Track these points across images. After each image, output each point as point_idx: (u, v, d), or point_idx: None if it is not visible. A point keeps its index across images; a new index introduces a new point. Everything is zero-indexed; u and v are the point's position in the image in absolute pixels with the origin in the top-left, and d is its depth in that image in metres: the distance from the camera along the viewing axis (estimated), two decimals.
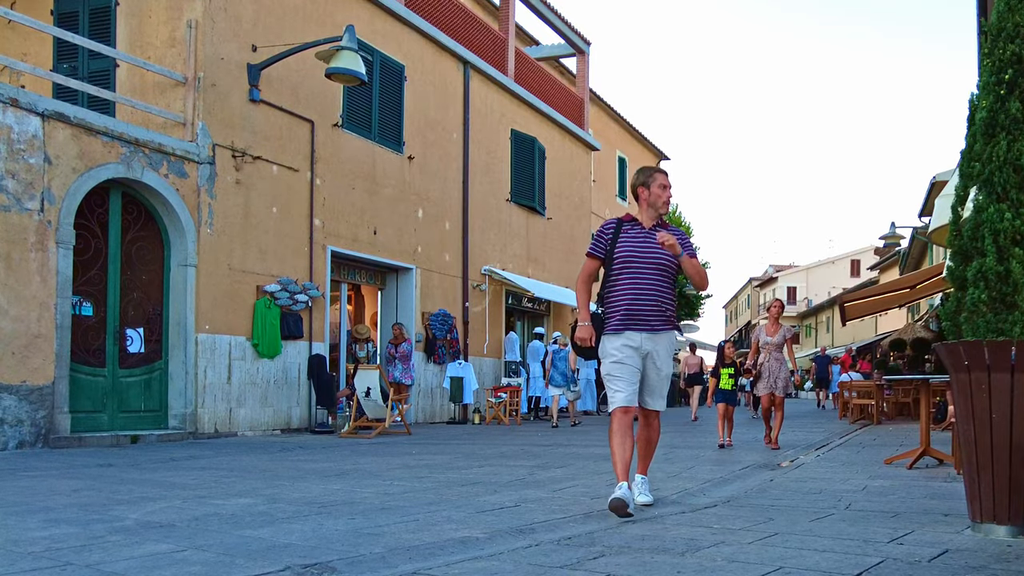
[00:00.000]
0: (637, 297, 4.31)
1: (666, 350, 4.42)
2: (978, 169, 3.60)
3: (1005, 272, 3.44)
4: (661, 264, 4.37)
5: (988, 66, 3.63)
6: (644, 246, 4.37)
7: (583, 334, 4.38)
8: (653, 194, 4.47)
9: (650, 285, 4.33)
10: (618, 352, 4.28)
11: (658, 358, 4.36)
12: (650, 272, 4.34)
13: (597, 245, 4.47)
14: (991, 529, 3.41)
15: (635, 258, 4.35)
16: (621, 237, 4.41)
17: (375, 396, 11.28)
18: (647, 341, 4.31)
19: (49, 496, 4.92)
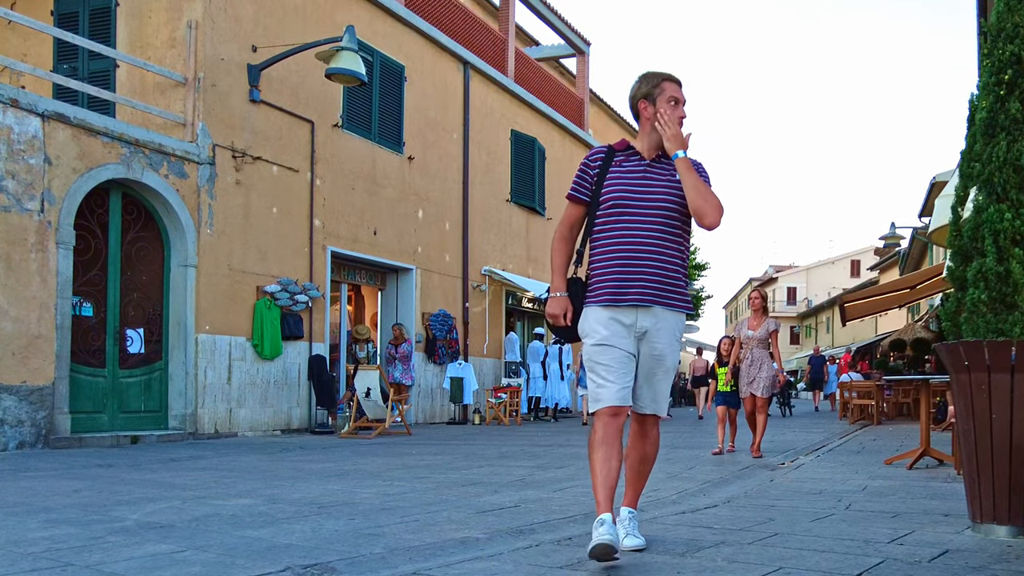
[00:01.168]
0: (632, 256, 3.13)
1: (670, 332, 3.21)
2: (978, 169, 3.60)
3: (1005, 272, 3.44)
4: (667, 209, 3.14)
5: (988, 66, 3.63)
6: (643, 184, 3.16)
7: (553, 309, 3.23)
8: (660, 111, 3.19)
9: (650, 239, 3.13)
10: (603, 329, 3.14)
11: (658, 341, 3.17)
12: (651, 221, 3.13)
13: (580, 184, 3.29)
14: (991, 529, 3.41)
15: (630, 201, 3.15)
16: (612, 172, 3.22)
17: (375, 397, 11.28)
18: (644, 318, 3.14)
19: (49, 496, 4.92)
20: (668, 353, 3.22)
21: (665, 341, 3.20)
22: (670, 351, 3.23)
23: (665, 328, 3.20)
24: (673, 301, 3.20)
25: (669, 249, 3.18)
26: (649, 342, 3.18)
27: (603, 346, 3.14)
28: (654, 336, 3.18)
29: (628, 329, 3.16)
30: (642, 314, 3.15)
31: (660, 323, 3.18)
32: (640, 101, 3.25)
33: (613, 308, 3.15)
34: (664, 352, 3.21)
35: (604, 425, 3.11)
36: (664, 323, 3.19)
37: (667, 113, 3.15)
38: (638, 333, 3.17)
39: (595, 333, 3.17)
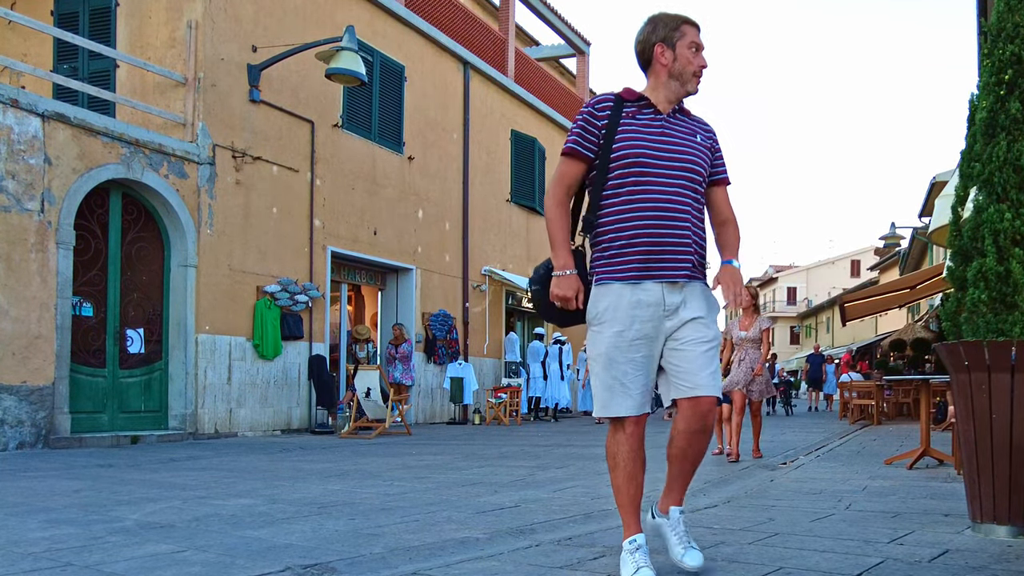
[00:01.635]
0: (661, 222, 2.69)
1: (706, 298, 2.80)
2: (978, 169, 3.60)
3: (1005, 272, 3.44)
4: (691, 171, 2.76)
5: (988, 66, 3.63)
6: (664, 141, 2.74)
7: (564, 290, 2.73)
8: (680, 58, 2.75)
9: (680, 203, 2.72)
10: (626, 315, 2.68)
11: (698, 310, 2.74)
12: (678, 182, 2.73)
13: (583, 137, 2.75)
14: (991, 529, 3.41)
15: (653, 159, 2.71)
16: (625, 125, 2.73)
17: (375, 397, 11.28)
18: (673, 293, 2.71)
19: (49, 497, 4.92)
20: (706, 322, 2.76)
21: (705, 308, 2.76)
22: (708, 320, 2.77)
23: (699, 295, 2.77)
24: (701, 274, 2.80)
25: (695, 217, 2.77)
26: (686, 315, 2.72)
27: (627, 338, 2.68)
28: (691, 306, 2.73)
29: (653, 310, 2.69)
30: (670, 289, 2.71)
31: (692, 292, 2.76)
32: (656, 46, 2.77)
33: (638, 284, 2.69)
34: (709, 320, 2.77)
35: (630, 437, 2.71)
36: (697, 293, 2.77)
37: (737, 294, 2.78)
38: (667, 312, 2.71)
39: (614, 321, 2.68)
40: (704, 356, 2.71)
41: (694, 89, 2.78)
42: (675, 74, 2.76)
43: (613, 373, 2.69)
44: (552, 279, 2.78)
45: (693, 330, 2.72)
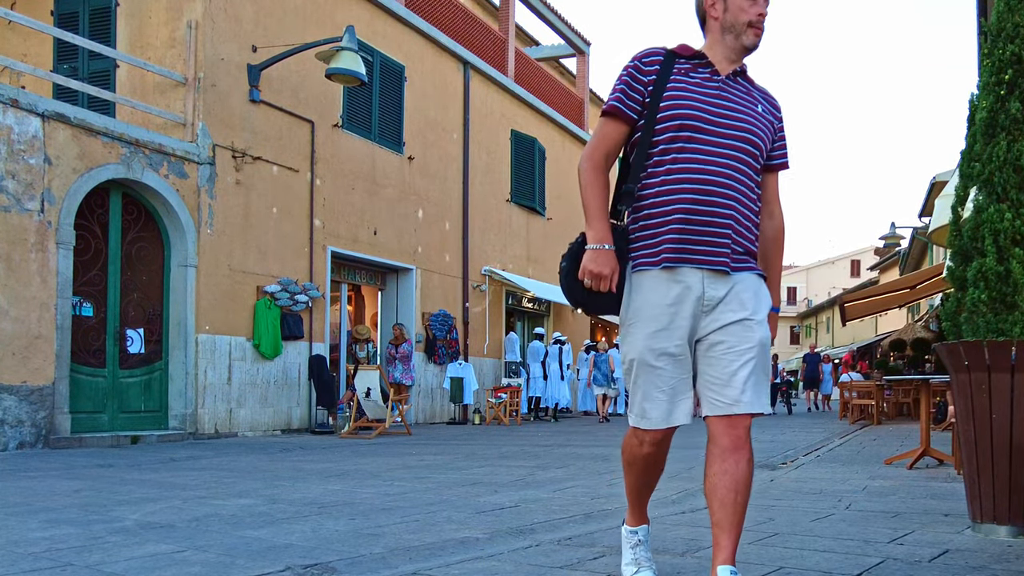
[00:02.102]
0: (706, 197, 2.29)
1: (757, 292, 2.36)
2: (978, 169, 3.60)
3: (1005, 272, 3.44)
4: (750, 143, 2.35)
5: (988, 66, 3.63)
6: (720, 104, 2.33)
7: (598, 266, 2.28)
8: (731, 6, 2.36)
9: (731, 179, 2.31)
10: (664, 312, 2.30)
11: (745, 306, 2.31)
12: (731, 154, 2.32)
13: (627, 94, 2.36)
14: (991, 529, 3.41)
15: (705, 123, 2.31)
16: (675, 82, 2.34)
17: (375, 397, 11.28)
18: (716, 284, 2.31)
19: (49, 497, 4.92)
20: (755, 322, 2.30)
21: (752, 305, 2.32)
22: (757, 319, 2.32)
23: (749, 287, 2.33)
24: (751, 263, 2.38)
25: (748, 197, 2.35)
26: (728, 310, 2.30)
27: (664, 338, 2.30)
28: (734, 304, 2.31)
29: (689, 303, 2.29)
30: (713, 280, 2.30)
31: (740, 286, 2.32)
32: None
33: (675, 271, 2.29)
34: (758, 320, 2.31)
35: (656, 445, 2.41)
36: (747, 282, 2.34)
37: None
38: (706, 307, 2.31)
39: (650, 319, 2.31)
40: (747, 365, 2.27)
41: (751, 42, 2.37)
42: (728, 26, 2.37)
43: (649, 378, 2.31)
44: (585, 253, 2.32)
45: (734, 334, 2.29)
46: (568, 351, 17.37)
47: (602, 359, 16.64)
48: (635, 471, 2.51)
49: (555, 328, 19.29)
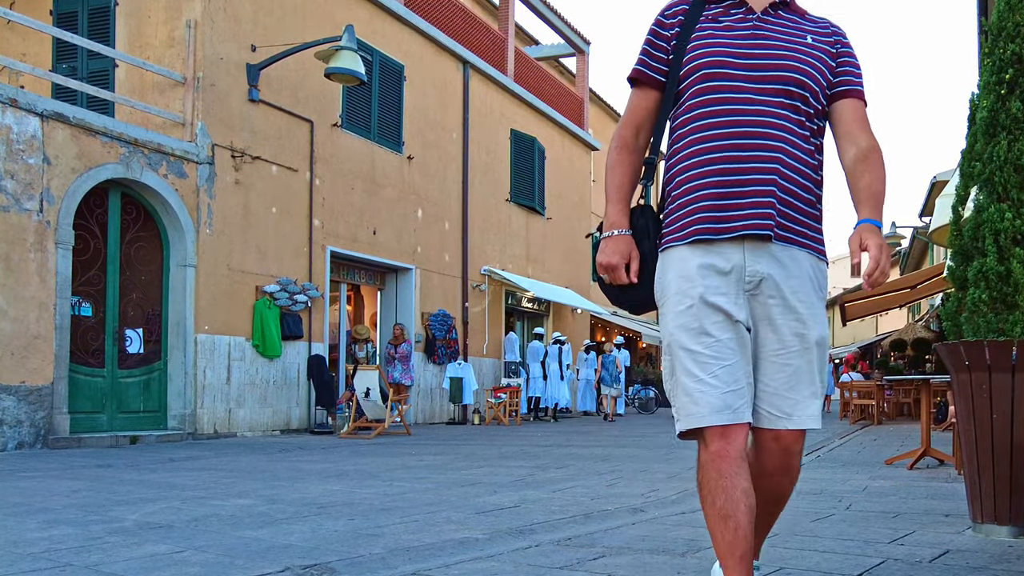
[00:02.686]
0: (742, 153, 1.94)
1: (809, 281, 1.98)
2: (979, 169, 3.59)
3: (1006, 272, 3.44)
4: (791, 82, 1.96)
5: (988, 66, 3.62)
6: (752, 45, 1.99)
7: (609, 256, 2.04)
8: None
9: (769, 129, 1.94)
10: (695, 287, 1.94)
11: (790, 295, 1.95)
12: (769, 101, 1.95)
13: (649, 55, 2.11)
14: (992, 530, 3.40)
15: (730, 68, 1.97)
16: (699, 31, 2.03)
17: (375, 397, 11.27)
18: (758, 259, 1.94)
19: (48, 497, 4.91)
20: (809, 316, 1.95)
21: (801, 296, 1.95)
22: (812, 313, 1.95)
23: (799, 275, 1.96)
24: (807, 238, 1.98)
25: (798, 149, 1.96)
26: (772, 300, 1.95)
27: (696, 315, 1.93)
28: (781, 288, 1.95)
29: (732, 280, 1.94)
30: (754, 253, 1.94)
31: (790, 267, 1.96)
32: None
33: (708, 245, 1.95)
34: (811, 315, 1.96)
35: (715, 459, 1.90)
36: (796, 267, 1.96)
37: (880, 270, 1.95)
38: (748, 284, 1.94)
39: (681, 295, 1.95)
40: (798, 372, 1.95)
41: None
42: None
43: (686, 365, 1.93)
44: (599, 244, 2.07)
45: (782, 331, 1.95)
46: (568, 351, 17.37)
47: (609, 360, 17.23)
48: (708, 504, 1.91)
49: (555, 328, 19.29)
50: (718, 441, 1.90)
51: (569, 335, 19.30)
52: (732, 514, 1.87)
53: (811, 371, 1.97)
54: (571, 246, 20.37)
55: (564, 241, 20.05)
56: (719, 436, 1.89)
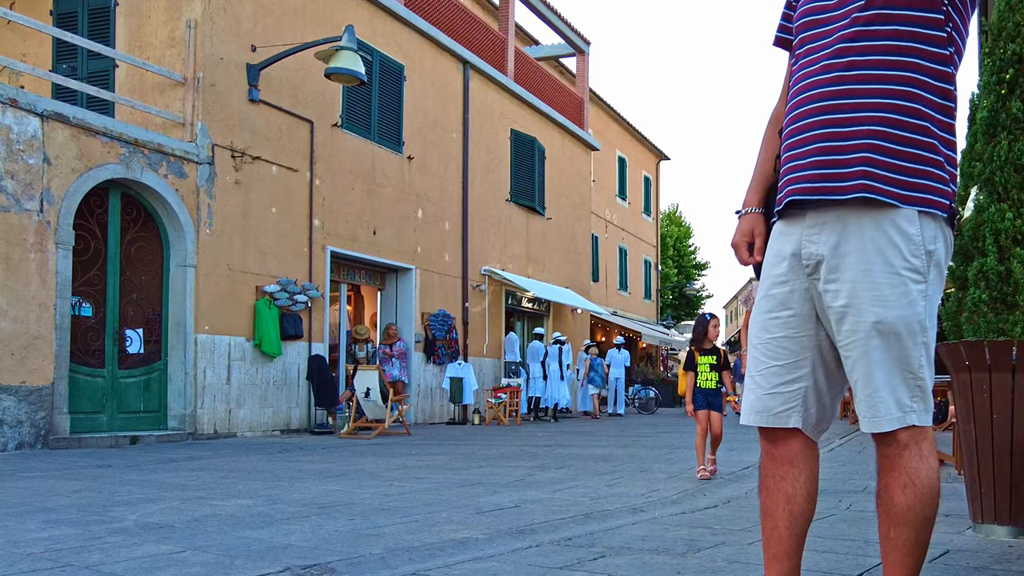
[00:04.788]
0: (803, 112, 1.73)
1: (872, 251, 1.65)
2: (979, 169, 3.60)
3: (1006, 272, 3.44)
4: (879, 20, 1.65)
5: (989, 65, 3.62)
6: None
7: (734, 235, 1.92)
8: None
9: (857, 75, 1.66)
10: (766, 275, 1.83)
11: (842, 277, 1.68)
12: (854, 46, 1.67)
13: (784, 15, 1.91)
14: (992, 530, 3.40)
15: (818, 15, 1.76)
16: None
17: (374, 397, 11.27)
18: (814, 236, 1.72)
19: (48, 497, 4.91)
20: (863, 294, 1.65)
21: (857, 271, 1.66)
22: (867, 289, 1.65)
23: (858, 245, 1.66)
24: (887, 184, 1.62)
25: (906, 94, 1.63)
26: (829, 284, 1.70)
27: (762, 309, 1.82)
28: (838, 266, 1.69)
29: (796, 266, 1.76)
30: (812, 228, 1.72)
31: (849, 238, 1.67)
32: None
33: (786, 223, 1.78)
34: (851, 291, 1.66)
35: (764, 456, 1.88)
36: (858, 235, 1.66)
37: None
38: (807, 268, 1.74)
39: (762, 281, 1.84)
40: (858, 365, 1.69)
41: None
42: None
43: (751, 361, 1.86)
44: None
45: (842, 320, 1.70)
46: (568, 351, 17.38)
47: (597, 362, 18.05)
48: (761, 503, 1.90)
49: (555, 328, 19.29)
50: (764, 441, 1.88)
51: (569, 335, 19.30)
52: (771, 513, 1.87)
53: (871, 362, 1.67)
54: (571, 246, 20.37)
55: (564, 241, 20.06)
56: (764, 437, 1.88)
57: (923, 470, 1.69)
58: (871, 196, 1.63)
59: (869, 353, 1.67)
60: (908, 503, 1.69)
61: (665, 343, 29.79)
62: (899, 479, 1.70)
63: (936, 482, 1.70)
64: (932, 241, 1.66)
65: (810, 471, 1.84)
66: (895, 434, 1.69)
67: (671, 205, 36.51)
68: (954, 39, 1.66)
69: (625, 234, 28.64)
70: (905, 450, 1.70)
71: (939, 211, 1.65)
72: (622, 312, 27.55)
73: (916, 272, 1.65)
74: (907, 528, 1.70)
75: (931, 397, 1.70)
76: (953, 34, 1.66)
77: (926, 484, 1.69)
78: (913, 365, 1.67)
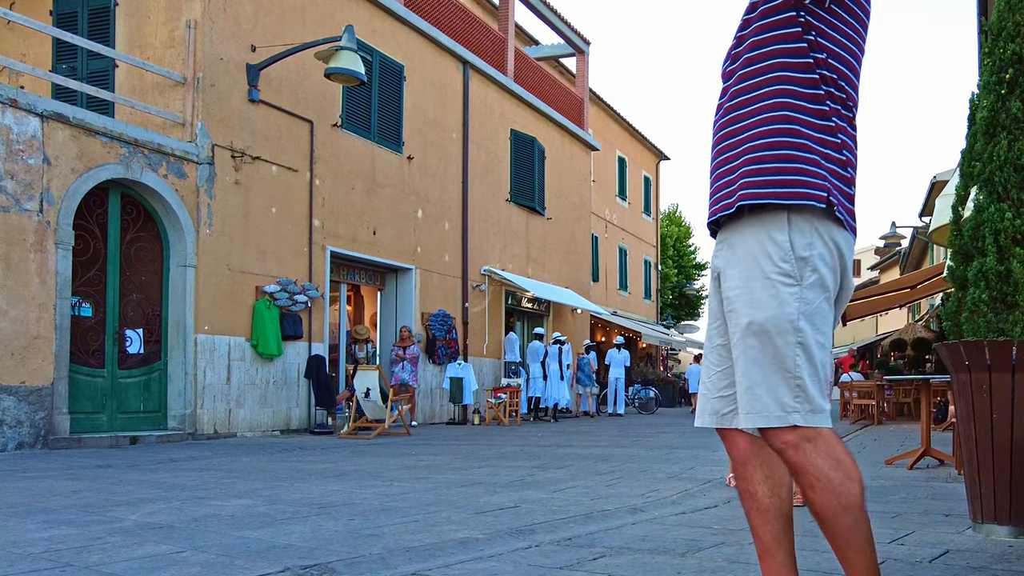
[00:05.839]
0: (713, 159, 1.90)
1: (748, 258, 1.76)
2: (979, 168, 3.59)
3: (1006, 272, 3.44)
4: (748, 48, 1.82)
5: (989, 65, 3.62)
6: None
7: None
8: None
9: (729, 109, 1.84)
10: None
11: (726, 281, 1.83)
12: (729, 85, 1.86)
13: None
14: (992, 530, 3.40)
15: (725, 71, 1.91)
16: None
17: (374, 397, 11.26)
18: (716, 253, 1.89)
19: (48, 497, 4.91)
20: (737, 297, 1.76)
21: (736, 278, 1.78)
22: (741, 293, 1.76)
23: (741, 254, 1.78)
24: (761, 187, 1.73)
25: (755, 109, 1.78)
26: (723, 291, 1.84)
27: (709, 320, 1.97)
28: (726, 276, 1.83)
29: (714, 278, 1.91)
30: (719, 245, 1.88)
31: (736, 249, 1.80)
32: None
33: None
34: (731, 297, 1.78)
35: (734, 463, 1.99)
36: (741, 245, 1.78)
37: None
38: (716, 279, 1.89)
39: None
40: (737, 365, 1.79)
41: None
42: None
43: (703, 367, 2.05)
44: None
45: (731, 318, 1.81)
46: (568, 351, 17.38)
47: (584, 361, 18.63)
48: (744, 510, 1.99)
49: (555, 328, 19.29)
50: (724, 444, 1.99)
51: (569, 335, 19.30)
52: (746, 513, 1.97)
53: (747, 360, 1.74)
54: (571, 246, 20.37)
55: (564, 241, 20.06)
56: (721, 439, 1.98)
57: (823, 466, 1.73)
58: (748, 202, 1.74)
59: (745, 352, 1.75)
60: (821, 501, 1.74)
61: (665, 343, 29.79)
62: (805, 481, 1.75)
63: (840, 474, 1.74)
64: (806, 248, 1.74)
65: (766, 467, 1.90)
66: (781, 435, 1.74)
67: (671, 205, 36.50)
68: (821, 44, 1.75)
69: (625, 234, 28.64)
70: (798, 451, 1.74)
71: (816, 203, 1.71)
72: (622, 312, 27.55)
73: (787, 276, 1.73)
74: (832, 523, 1.74)
75: (818, 398, 1.72)
76: (819, 40, 1.75)
77: (830, 478, 1.73)
78: (788, 364, 1.72)
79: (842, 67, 1.77)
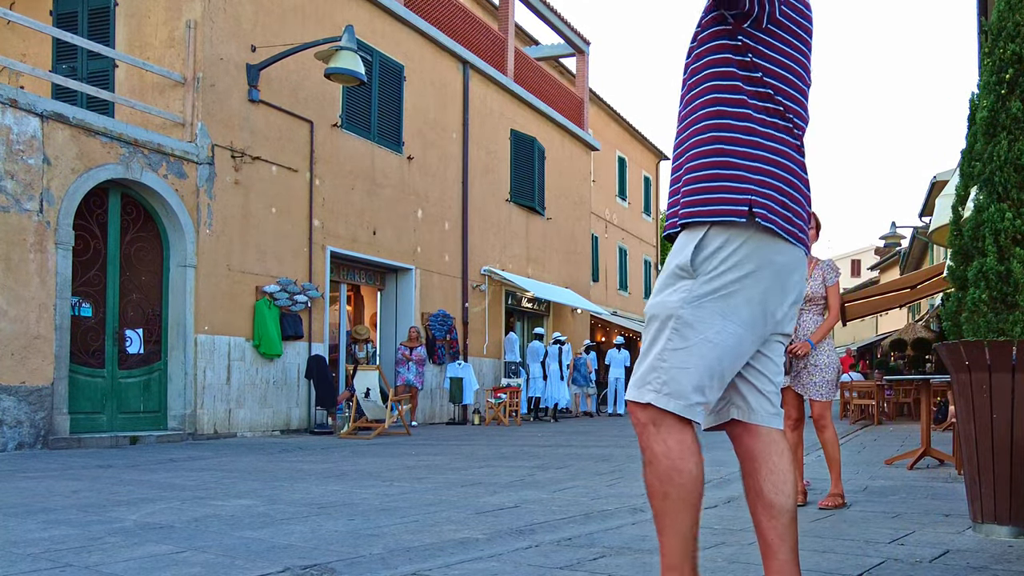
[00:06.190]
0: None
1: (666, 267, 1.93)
2: (979, 169, 3.59)
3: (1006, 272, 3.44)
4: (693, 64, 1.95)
5: (989, 65, 3.62)
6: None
7: None
8: None
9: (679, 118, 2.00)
10: None
11: None
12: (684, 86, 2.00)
13: None
14: (992, 530, 3.40)
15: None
16: None
17: (374, 397, 11.26)
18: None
19: (48, 497, 4.91)
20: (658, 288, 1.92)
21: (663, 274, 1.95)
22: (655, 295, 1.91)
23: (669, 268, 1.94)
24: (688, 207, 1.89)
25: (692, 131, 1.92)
26: None
27: None
28: None
29: None
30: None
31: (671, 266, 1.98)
32: None
33: None
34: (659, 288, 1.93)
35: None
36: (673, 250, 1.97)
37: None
38: None
39: None
40: (644, 341, 1.93)
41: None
42: None
43: None
44: None
45: None
46: (568, 351, 17.37)
47: (580, 362, 18.67)
48: None
49: (555, 328, 19.28)
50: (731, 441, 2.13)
51: (569, 335, 19.30)
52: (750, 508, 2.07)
53: (647, 351, 1.88)
54: (571, 246, 20.37)
55: (564, 241, 20.05)
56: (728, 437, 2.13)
57: (658, 449, 1.84)
58: (684, 221, 1.88)
59: (644, 335, 1.91)
60: (649, 480, 1.88)
61: None
62: (645, 457, 1.88)
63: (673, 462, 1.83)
64: (713, 255, 1.84)
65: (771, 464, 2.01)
66: (634, 411, 1.88)
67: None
68: (756, 64, 1.87)
69: (625, 234, 28.64)
70: (644, 429, 1.87)
71: (736, 218, 1.82)
72: (622, 312, 27.54)
73: (683, 270, 1.86)
74: (655, 500, 1.88)
75: (686, 387, 1.81)
76: (755, 60, 1.87)
77: (662, 464, 1.84)
78: (658, 346, 1.85)
79: (779, 83, 1.88)
